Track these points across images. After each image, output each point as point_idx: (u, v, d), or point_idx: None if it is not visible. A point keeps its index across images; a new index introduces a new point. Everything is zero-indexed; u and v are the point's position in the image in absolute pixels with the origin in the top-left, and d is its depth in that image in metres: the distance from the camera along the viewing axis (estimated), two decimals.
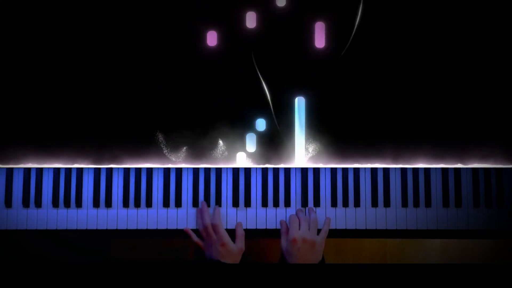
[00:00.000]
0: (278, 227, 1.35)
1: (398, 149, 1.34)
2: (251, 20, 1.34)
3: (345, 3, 1.34)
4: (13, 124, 1.34)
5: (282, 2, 1.34)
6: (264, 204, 1.36)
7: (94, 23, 1.35)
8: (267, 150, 1.34)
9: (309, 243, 1.29)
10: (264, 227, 1.36)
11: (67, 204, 1.35)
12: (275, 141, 1.35)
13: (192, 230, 1.35)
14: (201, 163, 1.34)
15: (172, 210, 1.36)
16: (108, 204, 1.35)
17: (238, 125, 1.35)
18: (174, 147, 1.34)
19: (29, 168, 1.35)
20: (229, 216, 1.36)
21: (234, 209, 1.36)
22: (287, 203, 1.36)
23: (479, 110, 1.35)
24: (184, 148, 1.33)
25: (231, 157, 1.34)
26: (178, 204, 1.36)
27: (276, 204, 1.36)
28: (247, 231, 1.35)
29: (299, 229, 1.30)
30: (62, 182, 1.36)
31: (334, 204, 1.36)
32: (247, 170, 1.36)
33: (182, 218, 1.35)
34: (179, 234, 1.36)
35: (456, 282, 1.09)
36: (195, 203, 1.36)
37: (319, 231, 1.33)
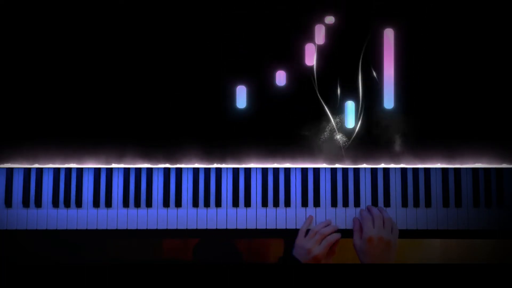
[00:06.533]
0: (278, 227, 1.35)
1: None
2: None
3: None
4: (12, 124, 1.34)
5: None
6: (264, 204, 1.36)
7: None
8: None
9: (385, 242, 1.27)
10: (264, 227, 1.36)
11: (67, 204, 1.35)
12: None
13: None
14: None
15: (172, 210, 1.36)
16: (108, 204, 1.35)
17: None
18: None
19: (29, 168, 1.35)
20: (229, 216, 1.36)
21: (234, 209, 1.36)
22: (287, 203, 1.36)
23: (479, 110, 1.35)
24: None
25: None
26: (178, 204, 1.36)
27: (276, 204, 1.36)
28: (247, 231, 1.35)
29: (373, 227, 1.28)
30: (62, 182, 1.36)
31: (334, 204, 1.36)
32: (247, 170, 1.36)
33: (182, 218, 1.35)
34: (179, 234, 1.36)
35: (456, 282, 1.09)
36: (195, 203, 1.36)
37: None
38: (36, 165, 1.34)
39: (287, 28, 1.34)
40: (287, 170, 1.37)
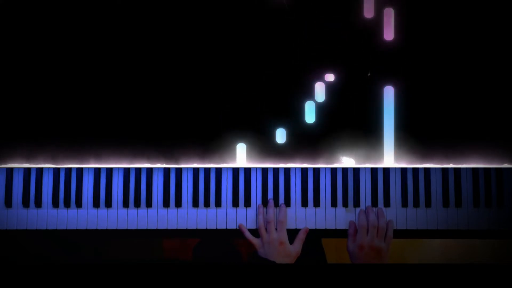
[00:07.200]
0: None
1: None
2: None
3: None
4: (12, 124, 1.35)
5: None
6: (264, 204, 1.36)
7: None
8: None
9: (375, 250, 1.29)
10: None
11: (67, 204, 1.35)
12: None
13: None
14: None
15: (172, 210, 1.36)
16: (108, 204, 1.35)
17: None
18: None
19: (29, 168, 1.35)
20: (229, 216, 1.36)
21: (234, 209, 1.36)
22: (287, 203, 1.36)
23: (479, 110, 1.35)
24: None
25: None
26: (178, 204, 1.36)
27: (276, 204, 1.36)
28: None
29: (367, 235, 1.30)
30: (62, 182, 1.36)
31: (334, 204, 1.36)
32: (247, 170, 1.37)
33: (182, 218, 1.35)
34: (179, 234, 1.36)
35: (456, 282, 1.09)
36: (195, 203, 1.36)
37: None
38: (36, 165, 1.34)
39: (287, 85, 1.35)
40: (287, 170, 1.37)
